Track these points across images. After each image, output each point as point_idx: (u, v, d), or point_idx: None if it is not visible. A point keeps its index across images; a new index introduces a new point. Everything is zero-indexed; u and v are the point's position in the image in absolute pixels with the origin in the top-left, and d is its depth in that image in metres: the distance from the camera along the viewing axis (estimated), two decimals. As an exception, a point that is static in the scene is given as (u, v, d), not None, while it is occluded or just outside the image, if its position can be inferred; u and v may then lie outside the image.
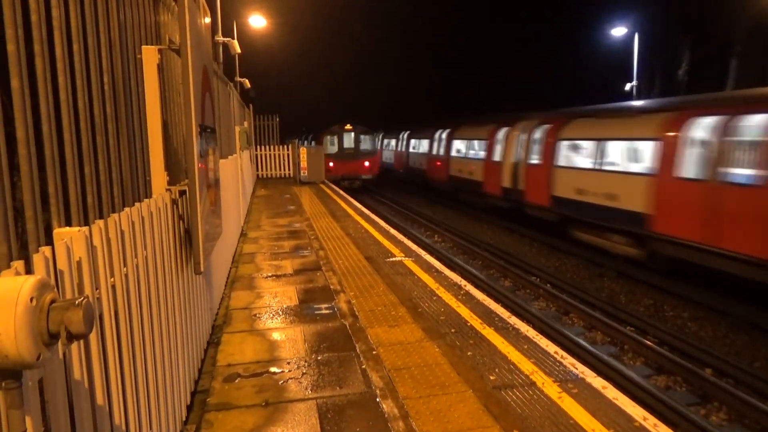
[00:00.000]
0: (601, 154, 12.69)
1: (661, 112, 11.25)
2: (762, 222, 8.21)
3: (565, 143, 14.32)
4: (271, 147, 22.67)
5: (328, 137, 26.96)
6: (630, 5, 33.48)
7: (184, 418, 3.62)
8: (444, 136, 23.80)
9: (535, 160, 15.54)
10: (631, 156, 12.35)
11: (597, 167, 12.72)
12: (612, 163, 12.60)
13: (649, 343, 8.14)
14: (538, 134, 15.60)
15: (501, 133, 17.95)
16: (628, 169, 12.02)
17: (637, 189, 11.08)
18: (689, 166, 9.94)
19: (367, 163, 26.77)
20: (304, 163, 20.77)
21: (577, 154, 13.97)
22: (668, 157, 10.30)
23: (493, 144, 18.43)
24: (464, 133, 21.78)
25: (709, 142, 9.57)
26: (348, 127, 26.97)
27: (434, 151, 24.99)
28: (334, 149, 26.56)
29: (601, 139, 12.80)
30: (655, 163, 10.65)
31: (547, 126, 15.27)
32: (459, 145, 22.21)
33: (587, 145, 13.46)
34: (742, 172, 9.04)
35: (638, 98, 27.29)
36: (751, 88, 12.30)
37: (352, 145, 26.89)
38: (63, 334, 1.32)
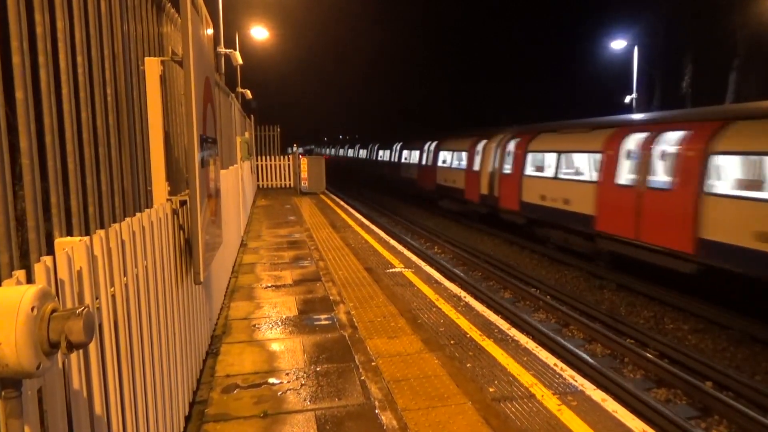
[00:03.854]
0: (560, 164, 14.94)
1: (606, 129, 13.50)
2: (670, 219, 10.55)
3: (531, 155, 16.55)
4: (272, 157, 22.73)
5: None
6: (629, 18, 33.71)
7: (182, 429, 3.60)
8: (432, 147, 25.46)
9: (507, 169, 17.69)
10: (583, 166, 14.52)
11: (556, 176, 14.96)
12: (568, 173, 14.91)
13: (649, 355, 8.11)
14: (510, 147, 17.81)
15: (480, 146, 20.02)
16: (580, 178, 14.47)
17: (587, 194, 13.45)
18: (623, 175, 12.33)
19: None
20: (304, 174, 20.81)
21: (542, 164, 16.08)
22: (609, 166, 12.71)
23: (473, 155, 20.53)
24: (449, 145, 23.65)
25: (638, 154, 11.92)
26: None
27: (423, 162, 26.47)
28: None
29: (560, 152, 15.04)
30: (600, 173, 13.08)
31: (517, 139, 17.50)
32: (445, 156, 23.86)
33: (549, 157, 15.60)
34: (658, 179, 11.34)
35: (638, 110, 27.41)
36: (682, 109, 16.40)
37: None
38: (63, 344, 1.33)
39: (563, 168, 14.89)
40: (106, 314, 2.20)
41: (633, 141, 12.17)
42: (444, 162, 23.57)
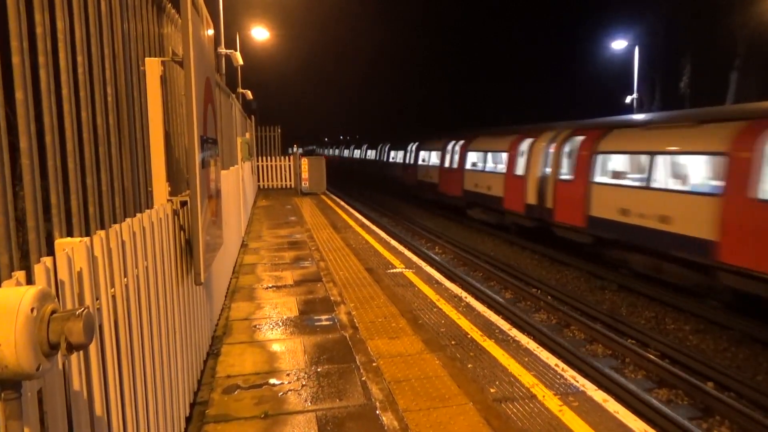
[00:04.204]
0: (653, 169, 11.67)
1: (728, 122, 10.59)
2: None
3: (602, 156, 13.77)
4: (273, 158, 22.74)
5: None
6: (630, 19, 33.72)
7: (183, 430, 3.60)
8: (457, 148, 22.87)
9: (566, 175, 14.96)
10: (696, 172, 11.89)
11: (647, 185, 11.76)
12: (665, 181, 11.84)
13: (650, 356, 8.10)
14: (570, 147, 14.91)
15: (524, 145, 17.15)
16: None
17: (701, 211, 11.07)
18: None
19: None
20: (305, 174, 20.80)
21: (622, 169, 13.30)
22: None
23: (514, 157, 17.57)
24: (480, 145, 21.14)
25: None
26: None
27: (446, 164, 23.63)
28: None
29: (653, 153, 11.66)
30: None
31: (579, 137, 14.52)
32: (475, 158, 21.32)
33: (635, 159, 13.00)
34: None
35: (639, 111, 27.39)
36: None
37: None
38: (63, 345, 1.32)
39: (657, 175, 11.37)
40: (107, 315, 2.19)
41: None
42: (474, 164, 20.52)
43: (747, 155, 9.06)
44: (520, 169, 16.88)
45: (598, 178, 13.08)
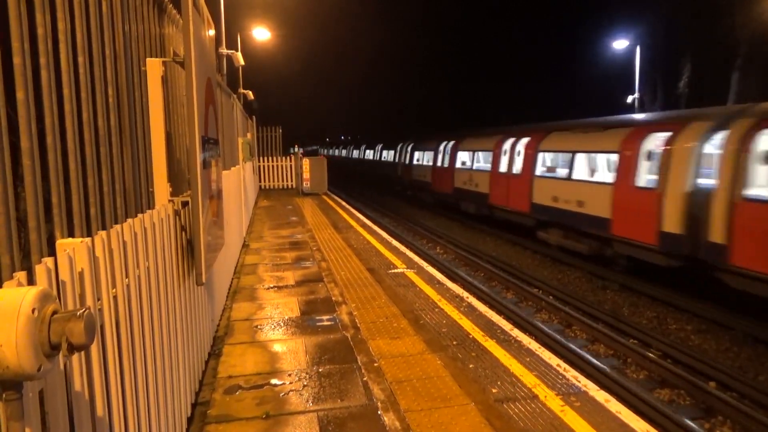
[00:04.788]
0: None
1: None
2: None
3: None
4: (274, 158, 22.75)
5: None
6: (631, 19, 33.70)
7: (184, 430, 3.60)
8: (520, 147, 21.85)
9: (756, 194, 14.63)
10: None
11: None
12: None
13: (652, 356, 8.09)
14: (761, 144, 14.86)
15: (653, 143, 16.10)
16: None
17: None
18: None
19: None
20: (306, 174, 20.81)
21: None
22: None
23: (633, 161, 17.52)
24: (560, 143, 19.67)
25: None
26: None
27: (503, 167, 21.39)
28: None
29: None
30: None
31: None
32: (550, 160, 21.38)
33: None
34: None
35: (640, 110, 27.37)
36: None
37: None
38: (64, 346, 1.32)
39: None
40: (108, 316, 2.19)
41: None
42: (548, 169, 16.00)
43: (630, 153, 11.90)
44: (645, 180, 17.43)
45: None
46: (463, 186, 21.28)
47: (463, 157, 21.89)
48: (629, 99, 28.81)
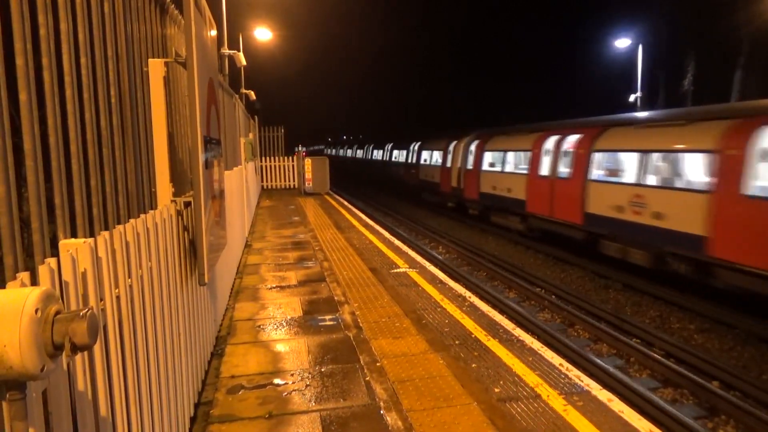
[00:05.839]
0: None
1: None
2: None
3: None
4: (276, 158, 22.76)
5: None
6: (634, 17, 33.63)
7: (187, 430, 3.60)
8: (595, 152, 22.43)
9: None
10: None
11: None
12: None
13: (655, 355, 8.07)
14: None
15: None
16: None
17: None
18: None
19: None
20: (309, 174, 20.82)
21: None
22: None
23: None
24: (659, 141, 19.85)
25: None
26: None
27: (565, 168, 20.78)
28: None
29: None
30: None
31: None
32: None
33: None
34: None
35: (642, 109, 27.31)
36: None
37: None
38: (67, 346, 1.32)
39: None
40: (111, 316, 2.20)
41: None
42: (609, 172, 12.91)
43: (736, 152, 9.10)
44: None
45: (484, 167, 18.80)
46: (492, 191, 18.59)
47: (491, 158, 19.43)
48: (631, 98, 28.73)
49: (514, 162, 17.70)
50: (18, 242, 1.93)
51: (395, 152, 33.85)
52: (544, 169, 15.47)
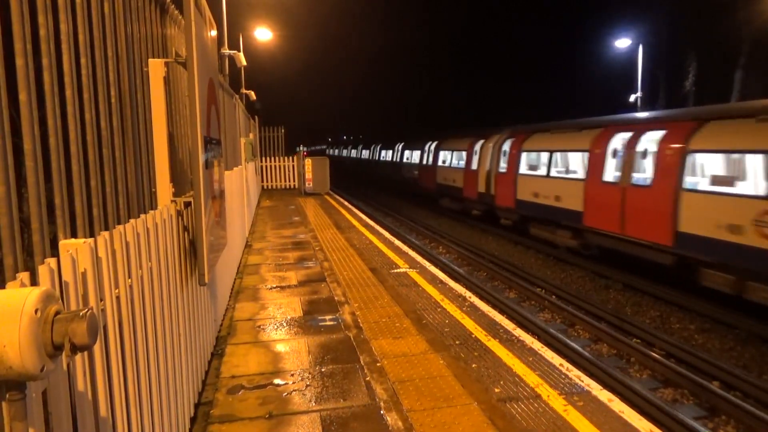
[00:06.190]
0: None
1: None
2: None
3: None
4: (277, 158, 22.77)
5: None
6: (634, 17, 33.62)
7: (187, 430, 3.60)
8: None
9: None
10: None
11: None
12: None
13: (655, 355, 8.07)
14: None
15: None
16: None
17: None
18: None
19: None
20: (309, 174, 20.83)
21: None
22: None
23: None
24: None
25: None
26: None
27: (650, 172, 15.89)
28: None
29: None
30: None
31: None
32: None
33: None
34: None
35: (643, 109, 27.31)
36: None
37: None
38: (67, 346, 1.32)
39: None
40: (111, 316, 2.20)
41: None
42: (715, 180, 10.25)
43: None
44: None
45: (522, 171, 17.21)
46: (533, 199, 15.35)
47: (531, 159, 16.21)
48: (632, 98, 28.73)
49: (563, 164, 15.03)
50: (18, 242, 1.93)
51: (407, 153, 30.82)
52: (610, 174, 12.53)
